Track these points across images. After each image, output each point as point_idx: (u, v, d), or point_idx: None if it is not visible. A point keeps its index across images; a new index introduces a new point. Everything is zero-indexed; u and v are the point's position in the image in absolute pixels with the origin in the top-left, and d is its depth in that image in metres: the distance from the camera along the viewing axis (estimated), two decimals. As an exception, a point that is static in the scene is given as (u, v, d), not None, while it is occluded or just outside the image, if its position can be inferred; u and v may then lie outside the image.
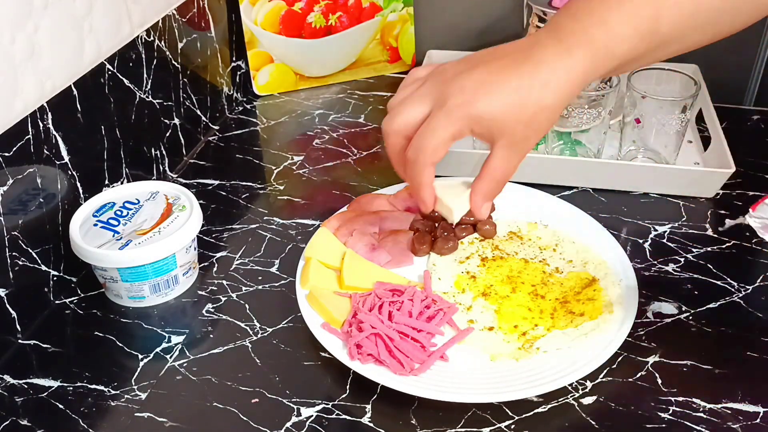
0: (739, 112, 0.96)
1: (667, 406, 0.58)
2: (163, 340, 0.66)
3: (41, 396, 0.61)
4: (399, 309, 0.62)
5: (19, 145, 0.64)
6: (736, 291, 0.69)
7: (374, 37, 1.06)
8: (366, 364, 0.59)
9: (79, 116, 0.71)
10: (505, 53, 0.56)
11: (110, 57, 0.75)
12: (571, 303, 0.65)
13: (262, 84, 1.03)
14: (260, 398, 0.60)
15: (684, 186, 0.80)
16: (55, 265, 0.69)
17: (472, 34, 1.07)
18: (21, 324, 0.66)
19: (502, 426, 0.57)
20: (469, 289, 0.67)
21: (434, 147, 0.56)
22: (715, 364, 0.62)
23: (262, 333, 0.66)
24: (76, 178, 0.71)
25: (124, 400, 0.60)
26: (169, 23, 0.84)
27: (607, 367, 0.61)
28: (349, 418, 0.58)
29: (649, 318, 0.66)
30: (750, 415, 0.57)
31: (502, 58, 0.56)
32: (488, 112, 0.54)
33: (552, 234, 0.73)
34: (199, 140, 0.93)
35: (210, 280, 0.72)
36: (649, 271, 0.71)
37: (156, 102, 0.83)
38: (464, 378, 0.59)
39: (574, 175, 0.82)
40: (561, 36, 0.54)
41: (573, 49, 0.54)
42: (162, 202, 0.71)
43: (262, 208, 0.82)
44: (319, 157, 0.90)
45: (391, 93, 1.03)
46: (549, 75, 0.54)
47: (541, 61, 0.54)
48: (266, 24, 1.00)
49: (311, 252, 0.69)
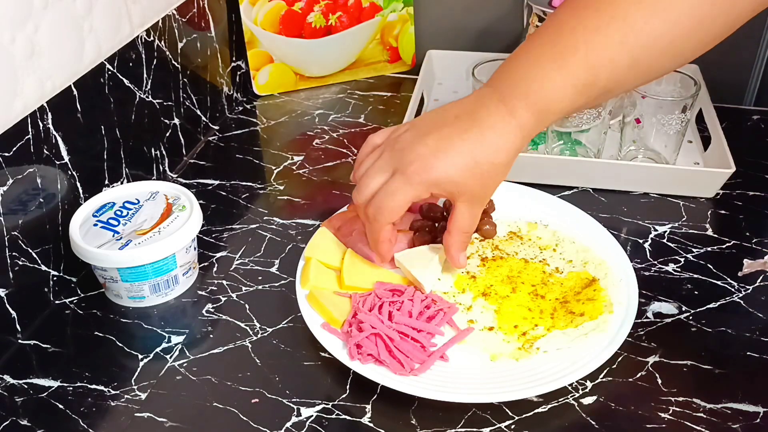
0: (739, 112, 0.96)
1: (667, 406, 0.58)
2: (163, 340, 0.66)
3: (41, 396, 0.61)
4: (399, 309, 0.62)
5: (19, 145, 0.64)
6: (736, 291, 0.69)
7: (374, 37, 1.06)
8: (366, 364, 0.59)
9: (79, 116, 0.71)
10: (453, 117, 0.60)
11: (110, 57, 0.75)
12: (571, 303, 0.65)
13: (262, 84, 1.03)
14: (260, 398, 0.60)
15: (684, 186, 0.80)
16: (55, 265, 0.69)
17: (472, 34, 1.08)
18: (21, 324, 0.66)
19: (502, 426, 0.57)
20: (469, 289, 0.67)
21: (392, 209, 0.60)
22: (715, 364, 0.62)
23: (262, 333, 0.66)
24: (76, 178, 0.71)
25: (124, 400, 0.60)
26: (169, 23, 0.84)
27: (607, 367, 0.61)
28: (349, 418, 0.58)
29: (649, 318, 0.66)
30: (750, 415, 0.57)
31: (452, 124, 0.59)
32: (445, 175, 0.58)
33: (552, 234, 0.73)
34: (199, 140, 0.93)
35: (210, 280, 0.72)
36: (649, 271, 0.71)
37: (156, 102, 0.83)
38: (464, 378, 0.59)
39: (574, 175, 0.82)
40: (503, 98, 0.58)
41: (516, 110, 0.58)
42: (162, 202, 0.71)
43: (262, 208, 0.82)
44: (319, 157, 0.90)
45: (392, 93, 1.04)
46: (496, 138, 0.58)
47: (489, 126, 0.58)
48: (266, 24, 1.00)
49: (311, 252, 0.69)
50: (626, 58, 0.56)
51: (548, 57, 0.57)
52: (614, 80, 0.57)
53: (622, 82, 0.58)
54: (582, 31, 0.56)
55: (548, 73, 0.57)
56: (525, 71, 0.58)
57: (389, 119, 0.97)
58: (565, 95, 0.57)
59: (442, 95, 1.03)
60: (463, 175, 0.58)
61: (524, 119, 0.58)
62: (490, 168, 0.58)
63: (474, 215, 0.62)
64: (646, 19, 0.55)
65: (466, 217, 0.62)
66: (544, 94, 0.57)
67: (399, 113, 0.98)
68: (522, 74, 0.58)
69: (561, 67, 0.56)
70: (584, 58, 0.56)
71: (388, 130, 0.65)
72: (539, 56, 0.58)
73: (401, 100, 1.02)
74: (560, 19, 0.58)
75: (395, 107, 1.01)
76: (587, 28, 0.56)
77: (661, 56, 0.57)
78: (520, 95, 0.58)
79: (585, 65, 0.56)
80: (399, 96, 1.03)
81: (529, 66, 0.58)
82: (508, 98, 0.58)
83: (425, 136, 0.60)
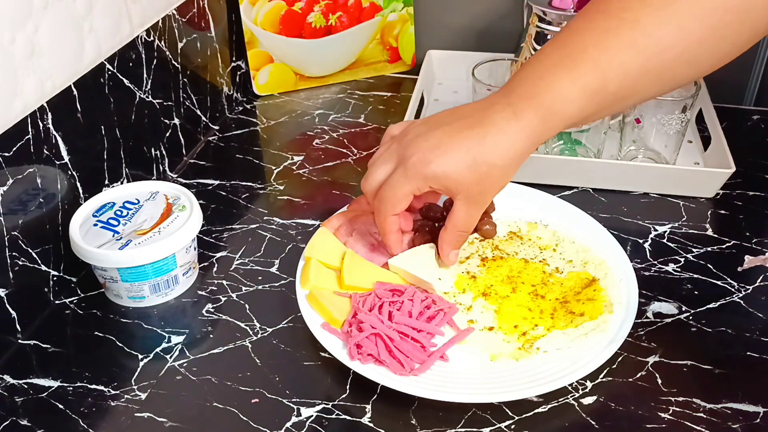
0: (739, 112, 0.96)
1: (667, 406, 0.58)
2: (163, 340, 0.66)
3: (41, 396, 0.61)
4: (399, 309, 0.62)
5: (19, 145, 0.64)
6: (736, 291, 0.69)
7: (374, 37, 1.06)
8: (366, 364, 0.59)
9: (79, 116, 0.71)
10: (464, 114, 0.60)
11: (110, 57, 0.75)
12: (571, 303, 0.65)
13: (262, 84, 1.03)
14: (260, 398, 0.60)
15: (684, 186, 0.80)
16: (55, 265, 0.69)
17: (472, 34, 1.08)
18: (21, 324, 0.66)
19: (502, 426, 0.57)
20: (470, 289, 0.67)
21: (394, 201, 0.61)
22: (715, 364, 0.62)
23: (262, 333, 0.66)
24: (76, 178, 0.71)
25: (124, 400, 0.60)
26: (169, 23, 0.84)
27: (607, 367, 0.61)
28: (349, 418, 0.58)
29: (649, 318, 0.66)
30: (750, 415, 0.57)
31: (461, 120, 0.60)
32: (442, 171, 0.58)
33: (552, 234, 0.73)
34: (199, 140, 0.93)
35: (210, 280, 0.72)
36: (649, 271, 0.71)
37: (156, 102, 0.83)
38: (464, 378, 0.59)
39: (574, 175, 0.82)
40: (512, 99, 0.58)
41: (522, 112, 0.57)
42: (162, 202, 0.71)
43: (262, 208, 0.82)
44: (319, 157, 0.90)
45: (392, 93, 1.04)
46: (498, 137, 0.58)
47: (492, 124, 0.58)
48: (266, 24, 1.00)
49: (311, 252, 0.68)
50: (637, 63, 0.55)
51: (557, 59, 0.57)
52: (626, 87, 0.56)
53: (636, 90, 0.57)
54: (591, 33, 0.56)
55: (556, 73, 0.56)
56: (534, 73, 0.58)
57: (389, 119, 0.97)
58: (574, 98, 0.56)
59: (442, 95, 1.03)
60: (461, 173, 0.58)
61: (529, 121, 0.57)
62: (489, 169, 0.58)
63: (470, 215, 0.62)
64: (657, 23, 0.54)
65: (462, 215, 0.62)
66: (551, 95, 0.57)
67: (399, 113, 0.98)
68: (530, 76, 0.58)
69: (569, 68, 0.56)
70: (592, 60, 0.55)
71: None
72: (548, 59, 0.58)
73: (401, 100, 1.02)
74: (572, 24, 0.58)
75: (395, 107, 1.01)
76: (596, 30, 0.56)
77: (675, 64, 0.56)
78: (527, 96, 0.57)
79: (593, 67, 0.55)
80: (399, 96, 1.03)
81: (538, 69, 0.58)
82: (516, 100, 0.58)
83: (432, 131, 0.60)
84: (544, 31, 0.90)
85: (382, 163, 0.62)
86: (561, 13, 0.88)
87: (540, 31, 0.90)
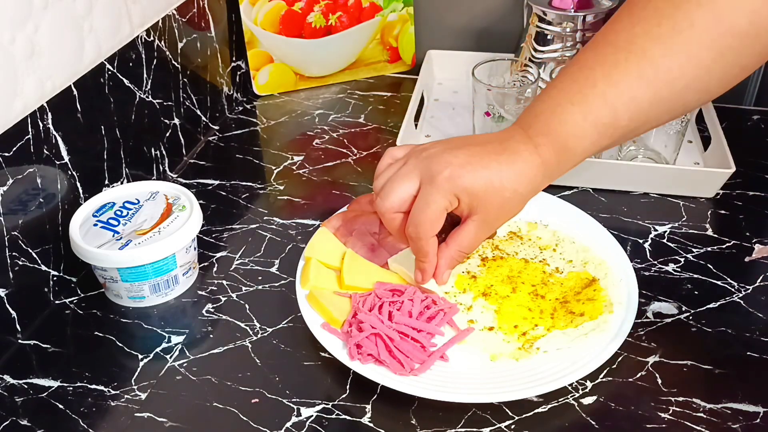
0: (739, 112, 0.96)
1: (667, 406, 0.58)
2: (163, 340, 0.66)
3: (41, 396, 0.61)
4: (399, 309, 0.62)
5: (19, 145, 0.64)
6: (736, 291, 0.69)
7: (374, 37, 1.06)
8: (366, 364, 0.59)
9: (79, 116, 0.71)
10: (483, 141, 0.59)
11: (110, 57, 0.75)
12: (571, 303, 0.65)
13: (262, 84, 1.03)
14: (260, 398, 0.60)
15: (684, 186, 0.80)
16: (55, 265, 0.69)
17: (472, 34, 1.08)
18: (21, 324, 0.66)
19: (502, 426, 0.57)
20: (470, 289, 0.67)
21: (431, 220, 0.58)
22: (715, 364, 0.62)
23: (262, 333, 0.66)
24: (76, 178, 0.71)
25: (124, 400, 0.60)
26: (169, 23, 0.84)
27: (607, 367, 0.61)
28: (349, 418, 0.58)
29: (649, 318, 0.66)
30: (750, 415, 0.57)
31: (482, 145, 0.59)
32: (472, 186, 0.57)
33: (552, 234, 0.73)
34: (199, 140, 0.93)
35: (210, 280, 0.72)
36: (649, 271, 0.71)
37: (156, 102, 0.83)
38: (464, 378, 0.59)
39: (574, 175, 0.81)
40: (530, 134, 0.58)
41: (540, 147, 0.57)
42: (162, 202, 0.71)
43: (262, 208, 0.82)
44: (319, 157, 0.90)
45: (392, 93, 1.04)
46: (524, 166, 0.57)
47: (517, 153, 0.57)
48: (266, 24, 1.00)
49: (311, 252, 0.68)
50: (647, 95, 0.55)
51: (568, 94, 0.57)
52: (637, 119, 0.56)
53: (647, 120, 0.57)
54: (600, 67, 0.56)
55: (567, 109, 0.56)
56: (546, 108, 0.58)
57: (389, 119, 0.97)
58: (586, 134, 0.56)
59: (442, 95, 1.03)
60: (487, 192, 0.57)
61: (546, 156, 0.57)
62: (512, 195, 0.58)
63: (478, 238, 0.60)
64: (665, 54, 0.54)
65: (471, 236, 0.60)
66: (563, 131, 0.56)
67: (399, 113, 0.98)
68: (545, 111, 0.58)
69: (580, 104, 0.56)
70: (602, 95, 0.55)
71: (409, 145, 0.64)
72: (560, 94, 0.57)
73: (401, 100, 1.02)
74: (581, 57, 0.58)
75: (395, 107, 1.01)
76: (605, 64, 0.56)
77: (685, 92, 0.56)
78: (543, 132, 0.57)
79: (604, 102, 0.55)
80: (399, 96, 1.03)
81: (550, 104, 0.58)
82: (533, 134, 0.58)
83: (455, 149, 0.59)
84: (544, 31, 0.90)
85: (402, 179, 0.59)
86: (561, 13, 0.88)
87: (540, 31, 0.90)
